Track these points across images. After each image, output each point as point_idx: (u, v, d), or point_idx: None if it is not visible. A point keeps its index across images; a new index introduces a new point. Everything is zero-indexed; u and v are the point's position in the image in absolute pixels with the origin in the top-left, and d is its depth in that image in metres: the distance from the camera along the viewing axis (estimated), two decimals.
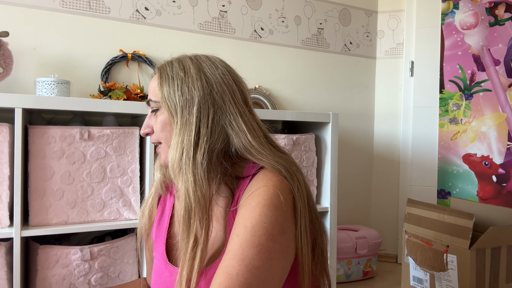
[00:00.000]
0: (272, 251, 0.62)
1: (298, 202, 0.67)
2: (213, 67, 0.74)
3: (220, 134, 0.70)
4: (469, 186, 2.15)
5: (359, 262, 2.01)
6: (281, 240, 0.63)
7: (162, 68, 0.74)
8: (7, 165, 1.16)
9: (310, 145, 1.67)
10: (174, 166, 0.69)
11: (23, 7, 1.53)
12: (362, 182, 2.38)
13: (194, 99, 0.70)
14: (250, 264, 0.60)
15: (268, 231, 0.62)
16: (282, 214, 0.64)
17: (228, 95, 0.72)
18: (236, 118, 0.71)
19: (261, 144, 0.72)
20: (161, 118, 0.74)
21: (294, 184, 0.67)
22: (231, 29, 1.96)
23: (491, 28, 2.12)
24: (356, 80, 2.34)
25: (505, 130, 2.10)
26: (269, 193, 0.65)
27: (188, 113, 0.70)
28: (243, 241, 0.61)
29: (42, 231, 1.20)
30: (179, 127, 0.70)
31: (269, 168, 0.69)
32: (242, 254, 0.60)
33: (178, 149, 0.69)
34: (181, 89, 0.71)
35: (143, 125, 0.77)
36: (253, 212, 0.63)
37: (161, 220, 0.85)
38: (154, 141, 0.77)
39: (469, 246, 1.32)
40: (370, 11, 2.37)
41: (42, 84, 1.37)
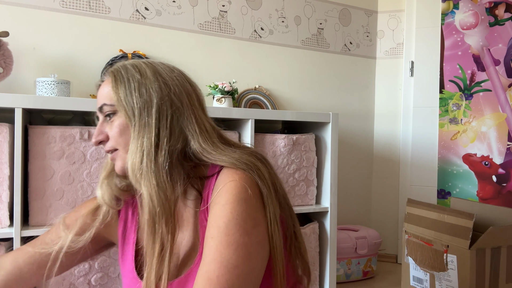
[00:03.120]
0: (248, 246, 0.61)
1: (264, 190, 0.66)
2: (169, 70, 0.73)
3: (179, 135, 0.69)
4: (469, 186, 2.15)
5: (359, 262, 2.01)
6: (255, 232, 0.63)
7: (116, 71, 0.71)
8: (7, 165, 1.16)
9: (310, 145, 1.67)
10: (135, 170, 0.66)
11: (23, 7, 1.53)
12: (362, 182, 2.38)
13: (153, 101, 0.68)
14: (229, 264, 0.59)
15: (242, 227, 0.62)
16: (252, 206, 0.64)
17: (185, 97, 0.71)
18: (191, 121, 0.70)
19: (212, 145, 0.70)
20: (118, 122, 0.70)
21: (254, 174, 0.67)
22: (231, 29, 1.96)
23: (491, 28, 2.12)
24: (356, 80, 2.34)
25: (505, 130, 2.10)
26: (236, 188, 0.64)
27: (147, 115, 0.67)
28: (218, 242, 0.61)
29: (42, 231, 1.20)
30: (137, 129, 0.67)
31: (225, 165, 0.68)
32: (219, 256, 0.60)
33: (138, 152, 0.66)
34: (138, 90, 0.68)
35: (96, 133, 0.72)
36: (224, 210, 0.62)
37: (124, 236, 0.80)
38: (110, 148, 0.72)
39: (469, 246, 1.32)
40: (370, 11, 2.37)
41: (42, 84, 1.37)
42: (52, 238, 0.80)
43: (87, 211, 0.81)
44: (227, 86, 1.71)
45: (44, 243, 0.79)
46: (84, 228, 0.79)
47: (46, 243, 0.79)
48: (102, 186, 0.78)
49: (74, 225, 0.79)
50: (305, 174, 1.66)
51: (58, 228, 0.81)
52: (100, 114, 0.73)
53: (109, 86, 0.71)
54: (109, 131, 0.71)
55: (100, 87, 0.73)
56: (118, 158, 0.72)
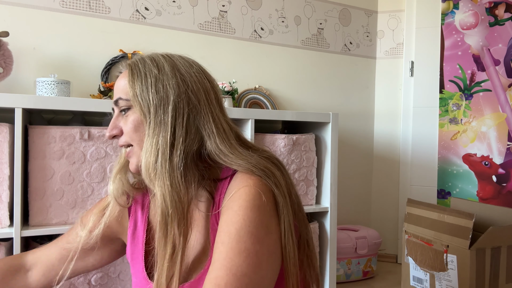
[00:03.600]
0: (260, 254, 0.59)
1: (279, 198, 0.64)
2: (187, 65, 0.70)
3: (195, 135, 0.67)
4: (469, 186, 2.15)
5: (359, 262, 2.01)
6: (268, 241, 0.61)
7: (134, 64, 0.69)
8: (7, 165, 1.16)
9: (310, 145, 1.67)
10: (150, 169, 0.64)
11: (23, 7, 1.53)
12: (362, 182, 2.38)
13: (170, 98, 0.66)
14: (238, 272, 0.57)
15: (254, 234, 0.60)
16: (266, 214, 0.62)
17: (202, 95, 0.69)
18: (208, 120, 0.68)
19: (230, 146, 0.68)
20: (133, 118, 0.68)
21: (271, 181, 0.64)
22: (231, 29, 1.96)
23: (491, 28, 2.12)
24: (356, 80, 2.34)
25: (505, 130, 2.10)
26: (250, 194, 0.62)
27: (163, 112, 0.65)
28: (229, 249, 0.59)
29: (42, 231, 1.20)
30: (152, 127, 0.65)
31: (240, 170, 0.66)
32: (229, 263, 0.58)
33: (153, 151, 0.64)
34: (155, 86, 0.66)
35: (110, 126, 0.71)
36: (236, 216, 0.60)
37: (134, 235, 0.79)
38: (123, 143, 0.70)
39: (469, 246, 1.32)
40: (370, 11, 2.37)
41: (42, 84, 1.37)
42: (72, 236, 0.82)
43: (99, 208, 0.81)
44: (227, 86, 1.71)
45: (67, 241, 0.81)
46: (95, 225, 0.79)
47: (68, 241, 0.81)
48: (115, 180, 0.76)
49: (88, 222, 0.80)
50: (305, 174, 1.66)
51: (76, 227, 0.82)
52: (115, 108, 0.71)
53: (126, 79, 0.69)
54: (123, 126, 0.70)
55: (117, 79, 0.72)
56: (133, 156, 0.70)
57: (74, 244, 0.80)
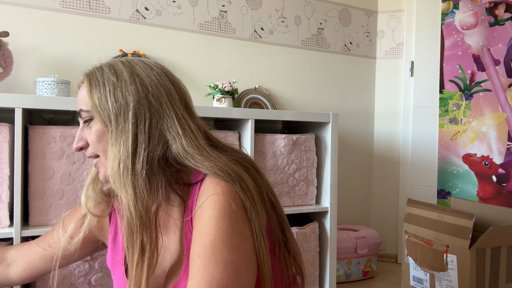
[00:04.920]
0: (237, 263, 0.59)
1: (247, 203, 0.63)
2: (147, 68, 0.69)
3: (159, 139, 0.66)
4: (469, 186, 2.15)
5: (359, 262, 2.01)
6: (243, 248, 0.61)
7: (91, 74, 0.68)
8: (7, 165, 1.16)
9: (310, 145, 1.67)
10: (115, 179, 0.63)
11: (23, 7, 1.53)
12: (362, 182, 2.38)
13: (129, 105, 0.65)
14: (220, 285, 0.57)
15: (228, 244, 0.59)
16: (238, 221, 0.61)
17: (164, 97, 0.67)
18: (173, 122, 0.67)
19: (198, 147, 0.67)
20: (95, 129, 0.67)
21: (237, 186, 0.63)
22: (231, 29, 1.96)
23: (491, 28, 2.12)
24: (356, 80, 2.34)
25: (505, 130, 2.10)
26: (219, 203, 0.61)
27: (124, 120, 0.64)
28: (206, 261, 0.58)
29: (42, 231, 1.20)
30: (114, 136, 0.64)
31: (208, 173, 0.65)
32: (208, 277, 0.57)
33: (116, 160, 0.63)
34: (114, 94, 0.65)
35: (76, 139, 0.70)
36: (208, 227, 0.60)
37: (115, 241, 0.79)
38: (90, 154, 0.70)
39: (469, 246, 1.32)
40: (370, 11, 2.37)
41: (42, 84, 1.37)
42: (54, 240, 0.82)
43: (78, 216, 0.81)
44: (227, 86, 1.71)
45: (48, 244, 0.83)
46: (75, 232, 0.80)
47: (50, 244, 0.82)
48: (87, 192, 0.77)
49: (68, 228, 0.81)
50: (305, 174, 1.66)
51: (58, 228, 0.83)
52: (80, 119, 0.71)
53: (85, 90, 0.68)
54: (88, 137, 0.69)
55: (79, 90, 0.71)
56: (100, 166, 0.70)
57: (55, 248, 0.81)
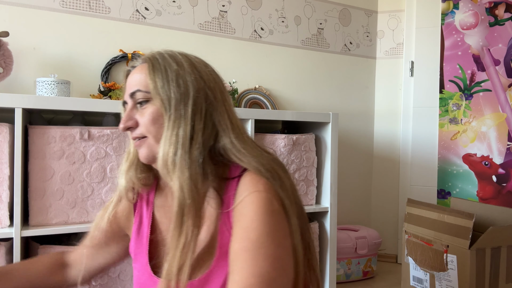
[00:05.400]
0: (283, 257, 0.61)
1: (286, 201, 0.66)
2: (202, 64, 0.73)
3: (212, 130, 0.69)
4: (469, 186, 2.15)
5: (359, 262, 2.01)
6: (286, 244, 0.63)
7: (153, 58, 0.70)
8: (7, 165, 1.16)
9: (310, 145, 1.67)
10: (168, 161, 0.65)
11: (23, 7, 1.53)
12: (362, 182, 2.38)
13: (190, 93, 0.67)
14: (268, 278, 0.58)
15: (275, 239, 0.61)
16: (280, 218, 0.63)
17: (218, 92, 0.71)
18: (224, 116, 0.70)
19: (243, 142, 0.70)
20: (151, 110, 0.69)
21: (276, 184, 0.66)
22: (231, 29, 1.96)
23: (491, 28, 2.12)
24: (356, 80, 2.34)
25: (505, 130, 2.10)
26: (262, 199, 0.63)
27: (184, 106, 0.67)
28: (254, 255, 0.59)
29: (42, 231, 1.20)
30: (172, 120, 0.66)
31: (249, 169, 0.67)
32: (258, 270, 0.58)
33: (173, 143, 0.65)
34: (176, 81, 0.68)
35: (124, 118, 0.71)
36: (253, 222, 0.61)
37: (140, 230, 0.80)
38: (138, 135, 0.71)
39: (469, 246, 1.32)
40: (370, 11, 2.37)
41: (42, 84, 1.37)
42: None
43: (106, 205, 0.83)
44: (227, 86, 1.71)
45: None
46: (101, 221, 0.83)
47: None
48: (126, 176, 0.77)
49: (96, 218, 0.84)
50: (305, 174, 1.66)
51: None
52: (129, 100, 0.71)
53: (143, 72, 0.70)
54: (139, 118, 0.70)
55: (132, 73, 0.72)
56: (144, 146, 0.71)
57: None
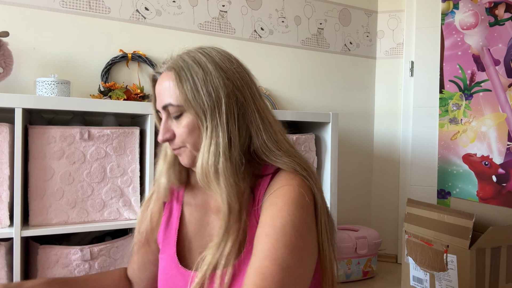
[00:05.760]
0: (302, 249, 0.62)
1: (318, 200, 0.68)
2: (226, 60, 0.70)
3: (246, 133, 0.69)
4: (469, 186, 2.15)
5: (359, 262, 2.01)
6: (309, 238, 0.64)
7: (178, 67, 0.68)
8: (7, 165, 1.16)
9: (310, 145, 1.67)
10: (210, 171, 0.65)
11: (23, 7, 1.53)
12: (362, 182, 2.38)
13: (221, 98, 0.66)
14: (284, 263, 0.60)
15: (298, 230, 0.62)
16: (309, 213, 0.65)
17: (246, 90, 0.69)
18: (255, 116, 0.69)
19: (276, 142, 0.70)
20: (186, 122, 0.68)
21: (312, 183, 0.68)
22: (231, 29, 1.96)
23: (491, 28, 2.12)
24: (356, 80, 2.34)
25: (505, 130, 2.10)
26: (295, 193, 0.65)
27: (218, 114, 0.66)
28: (274, 240, 0.61)
29: (42, 231, 1.20)
30: (210, 130, 0.66)
31: (284, 168, 0.68)
32: (274, 254, 0.60)
33: (212, 152, 0.65)
34: (205, 89, 0.66)
35: (162, 130, 0.71)
36: (281, 211, 0.63)
37: (169, 221, 0.82)
38: (177, 146, 0.71)
39: (469, 246, 1.32)
40: (370, 11, 2.37)
41: (42, 84, 1.37)
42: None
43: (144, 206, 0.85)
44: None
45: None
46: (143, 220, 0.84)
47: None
48: (166, 175, 0.78)
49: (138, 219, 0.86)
50: None
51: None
52: (163, 112, 0.71)
53: (171, 82, 0.68)
54: (176, 129, 0.70)
55: (160, 81, 0.71)
56: (184, 154, 0.71)
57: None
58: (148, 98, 1.64)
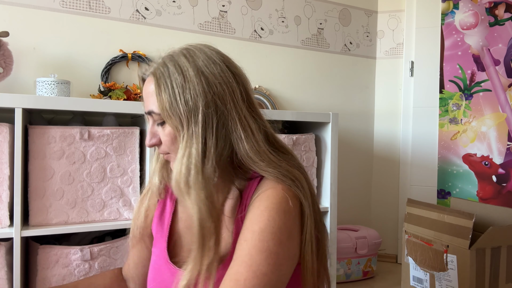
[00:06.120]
0: (280, 256, 0.61)
1: (306, 209, 0.65)
2: (211, 63, 0.67)
3: (225, 142, 0.66)
4: (469, 186, 2.15)
5: (359, 262, 2.01)
6: (288, 245, 0.63)
7: (158, 73, 0.67)
8: (7, 165, 1.16)
9: (310, 145, 1.67)
10: (181, 183, 0.63)
11: (23, 7, 1.53)
12: (362, 182, 2.38)
13: (199, 108, 0.64)
14: (258, 270, 0.59)
15: (276, 236, 0.61)
16: (291, 219, 0.63)
17: (228, 96, 0.66)
18: (236, 125, 0.66)
19: (259, 152, 0.67)
20: (168, 131, 0.68)
21: (299, 191, 0.66)
22: (231, 29, 1.96)
23: (491, 28, 2.12)
24: (356, 80, 2.34)
25: (505, 130, 2.10)
26: (277, 197, 0.63)
27: (194, 124, 0.64)
28: (251, 246, 0.60)
29: (42, 231, 1.20)
30: (185, 140, 0.64)
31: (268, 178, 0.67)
32: (249, 260, 0.59)
33: (185, 163, 0.63)
34: (183, 97, 0.64)
35: (149, 135, 0.71)
36: (261, 216, 0.62)
37: (162, 215, 0.83)
38: (163, 152, 0.71)
39: (469, 246, 1.32)
40: (370, 11, 2.37)
41: (42, 84, 1.37)
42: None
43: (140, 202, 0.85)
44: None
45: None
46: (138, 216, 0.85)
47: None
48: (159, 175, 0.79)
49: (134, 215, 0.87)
50: None
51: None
52: (149, 117, 0.71)
53: (152, 89, 0.68)
54: (161, 136, 0.70)
55: (145, 86, 0.71)
56: (171, 160, 0.72)
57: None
58: None
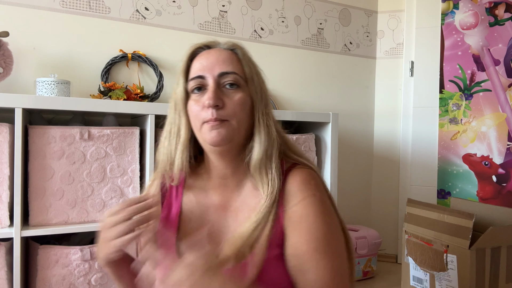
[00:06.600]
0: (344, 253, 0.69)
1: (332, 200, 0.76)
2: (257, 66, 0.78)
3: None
4: (469, 186, 2.15)
5: (359, 262, 2.01)
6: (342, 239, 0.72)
7: (242, 50, 0.75)
8: (7, 165, 1.16)
9: (310, 145, 1.67)
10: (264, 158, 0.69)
11: (23, 7, 1.53)
12: (362, 182, 2.38)
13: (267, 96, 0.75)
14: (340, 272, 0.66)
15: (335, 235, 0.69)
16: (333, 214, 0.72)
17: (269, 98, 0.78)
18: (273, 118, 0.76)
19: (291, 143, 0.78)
20: (240, 96, 0.70)
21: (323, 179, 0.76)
22: (231, 29, 1.96)
23: (491, 28, 2.12)
24: (356, 80, 2.34)
25: (505, 130, 2.10)
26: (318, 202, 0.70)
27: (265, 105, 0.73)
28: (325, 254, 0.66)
29: (42, 231, 1.20)
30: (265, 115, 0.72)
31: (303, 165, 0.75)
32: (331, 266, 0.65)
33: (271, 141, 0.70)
34: (259, 77, 0.74)
35: (214, 95, 0.67)
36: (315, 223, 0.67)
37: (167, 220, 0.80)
38: (223, 117, 0.67)
39: (469, 246, 1.32)
40: (370, 11, 2.37)
41: (42, 84, 1.37)
42: None
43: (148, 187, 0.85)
44: None
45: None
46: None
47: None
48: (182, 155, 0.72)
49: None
50: None
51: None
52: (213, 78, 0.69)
53: (234, 56, 0.73)
54: (227, 100, 0.68)
55: (216, 52, 0.72)
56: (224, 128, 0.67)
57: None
58: (149, 98, 1.64)
